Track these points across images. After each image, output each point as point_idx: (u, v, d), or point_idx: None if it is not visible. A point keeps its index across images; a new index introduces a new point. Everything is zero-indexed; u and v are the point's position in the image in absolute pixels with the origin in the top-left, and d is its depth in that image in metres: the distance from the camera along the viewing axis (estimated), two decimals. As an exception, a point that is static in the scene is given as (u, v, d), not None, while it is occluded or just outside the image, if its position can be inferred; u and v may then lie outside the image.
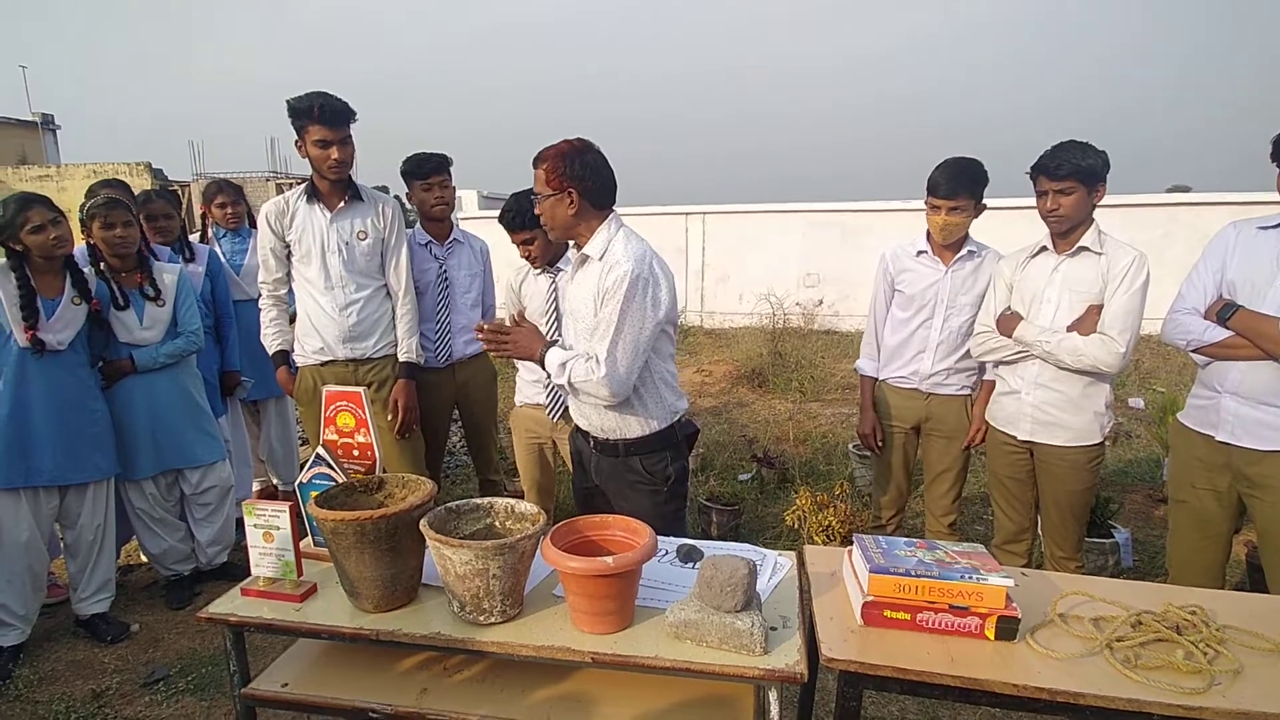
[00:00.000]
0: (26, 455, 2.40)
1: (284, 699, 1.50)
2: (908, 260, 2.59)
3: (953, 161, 2.42)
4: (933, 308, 2.53)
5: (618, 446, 1.93)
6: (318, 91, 2.38)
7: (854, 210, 9.91)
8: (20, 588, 2.46)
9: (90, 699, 2.32)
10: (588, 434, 2.00)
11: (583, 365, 1.79)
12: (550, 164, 1.79)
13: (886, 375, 2.66)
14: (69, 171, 13.94)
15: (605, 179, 1.82)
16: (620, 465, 1.95)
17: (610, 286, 1.74)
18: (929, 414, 2.60)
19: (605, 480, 2.00)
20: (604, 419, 1.91)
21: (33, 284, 2.39)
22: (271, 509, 1.52)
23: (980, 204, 2.43)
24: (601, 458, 1.98)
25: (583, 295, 1.85)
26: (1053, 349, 2.20)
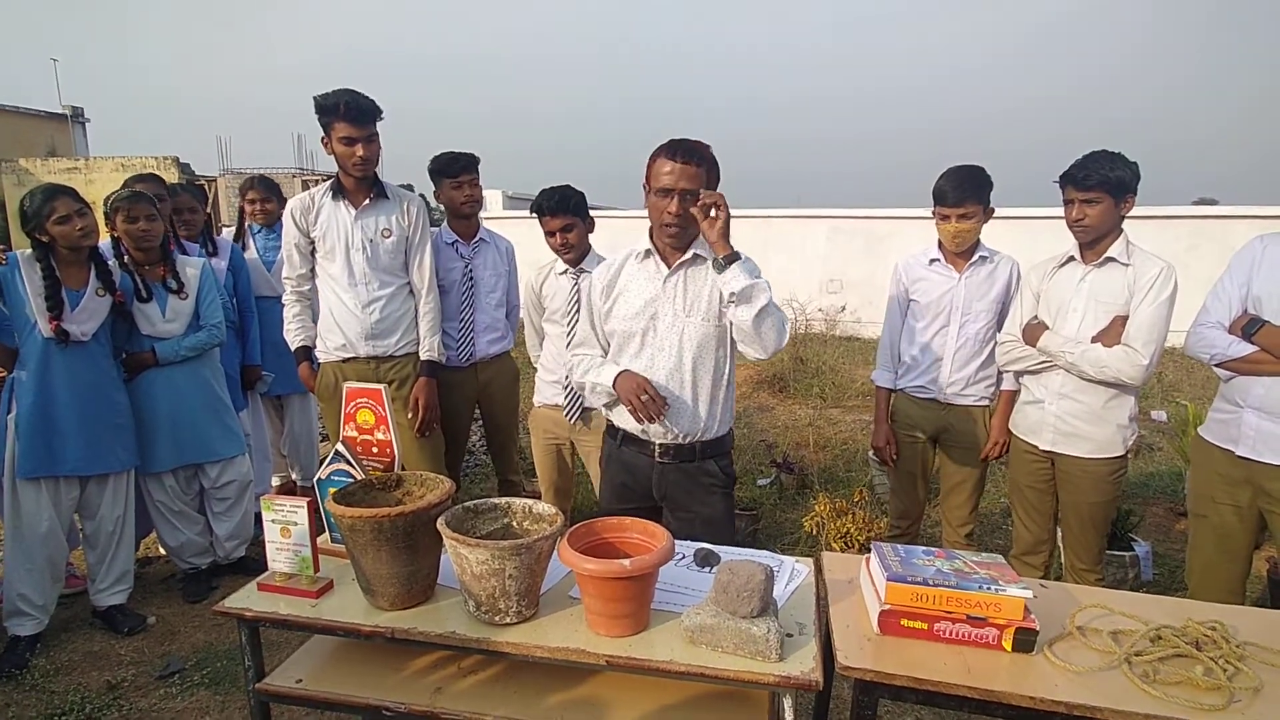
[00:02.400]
0: (49, 445, 2.43)
1: (298, 695, 1.50)
2: (920, 269, 2.58)
3: (956, 169, 2.42)
4: (948, 315, 2.51)
5: (694, 449, 1.91)
6: (345, 89, 2.40)
7: (878, 217, 9.89)
8: (39, 578, 2.49)
9: (105, 690, 2.34)
10: (646, 444, 1.94)
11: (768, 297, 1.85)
12: (712, 168, 1.77)
13: (904, 385, 2.64)
14: (97, 164, 14.16)
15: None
16: (695, 470, 1.93)
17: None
18: (947, 424, 2.57)
19: (673, 490, 1.95)
20: (691, 420, 1.88)
21: (58, 275, 2.42)
22: (289, 504, 1.53)
23: (989, 208, 2.43)
24: (671, 466, 1.93)
25: (700, 290, 1.86)
26: (1076, 360, 2.18)
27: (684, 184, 1.73)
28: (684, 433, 1.90)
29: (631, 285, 1.93)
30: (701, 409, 1.89)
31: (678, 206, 1.75)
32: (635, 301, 1.91)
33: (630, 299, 1.92)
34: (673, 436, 1.90)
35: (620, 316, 1.92)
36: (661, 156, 1.77)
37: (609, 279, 1.97)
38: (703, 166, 1.75)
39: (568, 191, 2.54)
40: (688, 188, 1.73)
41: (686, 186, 1.73)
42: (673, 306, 1.87)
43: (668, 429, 1.89)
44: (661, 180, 1.76)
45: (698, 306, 1.86)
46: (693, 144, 1.76)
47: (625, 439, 1.99)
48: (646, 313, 1.88)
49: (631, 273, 1.94)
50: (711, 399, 1.90)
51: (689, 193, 1.74)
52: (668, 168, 1.75)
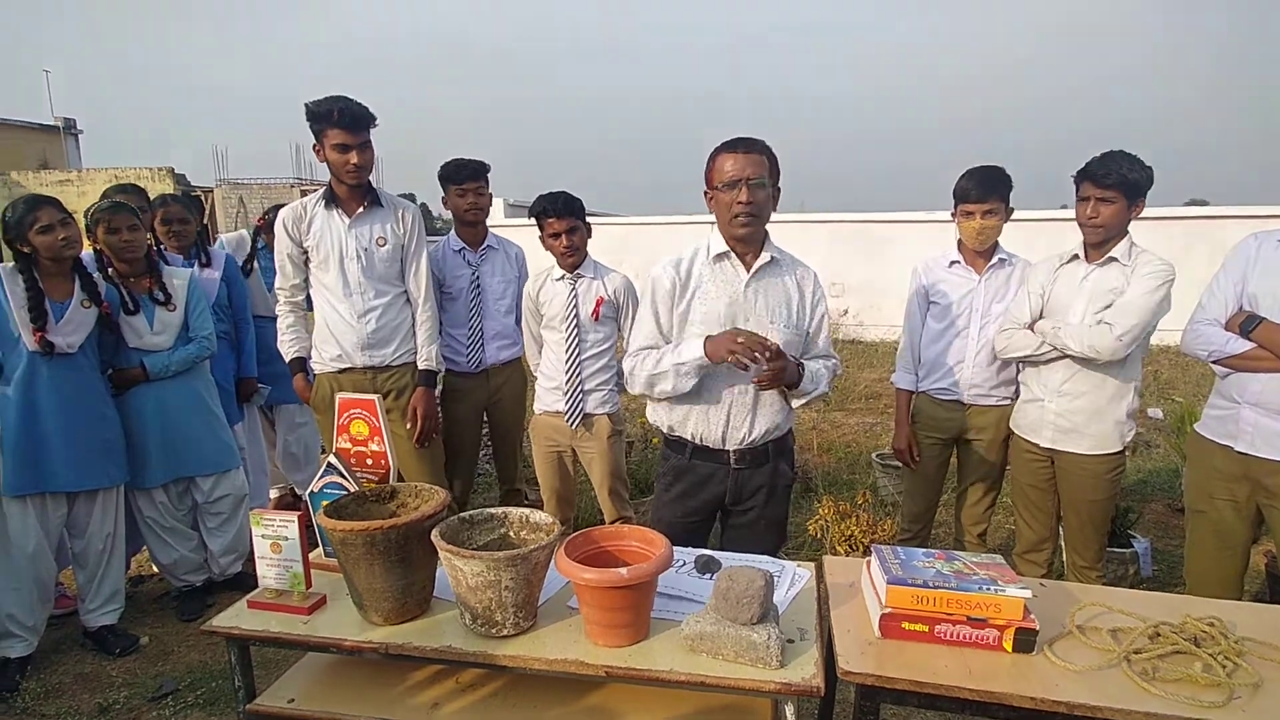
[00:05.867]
0: (36, 461, 2.39)
1: (290, 715, 1.47)
2: (940, 271, 2.58)
3: (979, 168, 2.44)
4: (968, 317, 2.51)
5: (766, 451, 1.94)
6: (337, 95, 2.38)
7: (879, 221, 9.94)
8: (27, 598, 2.44)
9: (97, 713, 2.30)
10: (720, 453, 1.92)
11: (828, 368, 1.96)
12: (771, 157, 1.80)
13: (926, 387, 2.63)
14: (90, 176, 14.07)
15: None
16: (768, 471, 1.96)
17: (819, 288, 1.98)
18: (970, 424, 2.56)
19: (747, 494, 1.97)
20: (770, 420, 1.91)
21: (41, 286, 2.39)
22: (280, 519, 1.50)
23: (1010, 207, 2.44)
24: (747, 470, 1.94)
25: (780, 298, 1.90)
26: (1061, 335, 2.20)
27: (750, 171, 1.76)
28: (756, 434, 1.92)
29: (708, 287, 1.90)
30: (778, 411, 1.93)
31: (747, 195, 1.76)
32: (716, 305, 1.88)
33: (710, 301, 1.88)
34: (750, 438, 1.91)
35: (698, 320, 1.89)
36: (722, 153, 1.81)
37: (680, 279, 1.91)
38: (765, 155, 1.79)
39: (569, 196, 2.57)
40: (753, 175, 1.76)
41: (753, 174, 1.76)
42: (755, 312, 1.89)
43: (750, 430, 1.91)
44: (726, 174, 1.79)
45: (780, 314, 1.90)
46: (748, 137, 1.82)
47: (695, 451, 1.96)
48: (728, 316, 1.87)
49: (704, 273, 1.91)
50: (786, 400, 1.95)
51: (755, 181, 1.76)
52: (730, 161, 1.78)
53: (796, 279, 1.94)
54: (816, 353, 1.99)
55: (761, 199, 1.78)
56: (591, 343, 2.63)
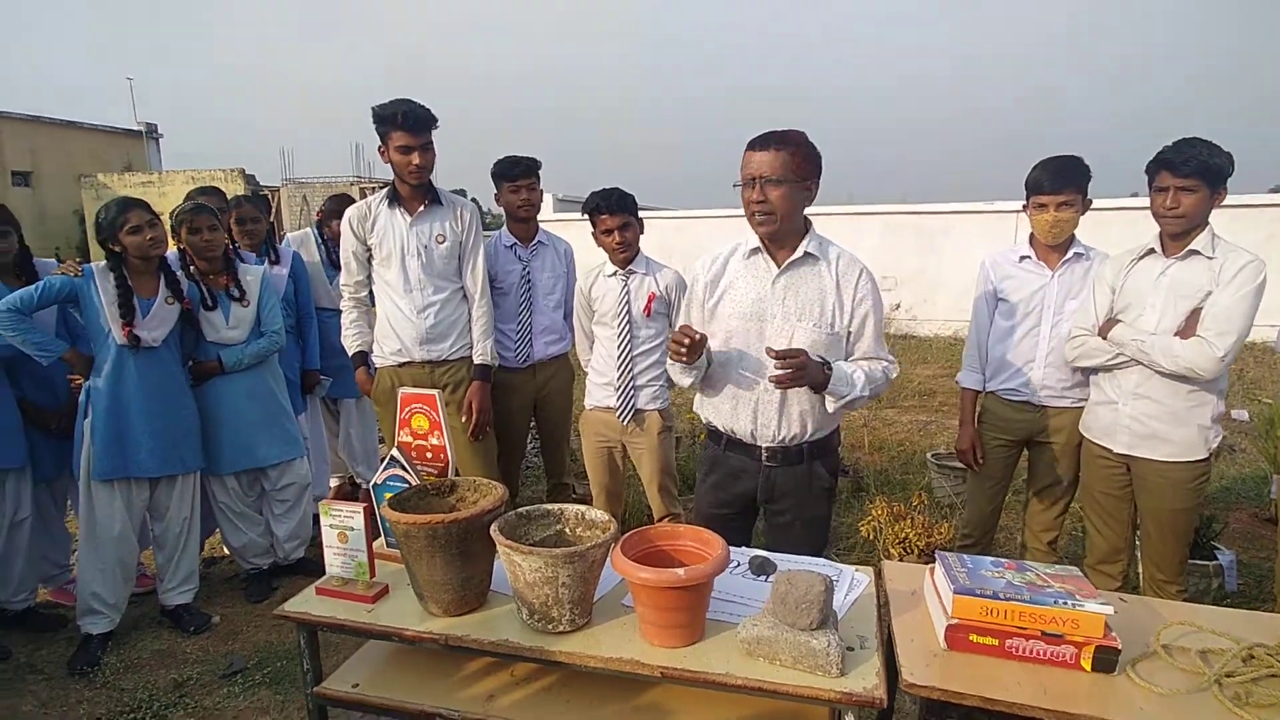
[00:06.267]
0: (123, 448, 2.52)
1: (354, 700, 1.51)
2: (1010, 267, 2.46)
3: (1054, 157, 2.30)
4: (1039, 314, 2.39)
5: (802, 452, 1.89)
6: (402, 99, 2.44)
7: (931, 212, 9.64)
8: (111, 577, 2.58)
9: (172, 688, 2.42)
10: (752, 448, 1.91)
11: (879, 370, 1.85)
12: (802, 150, 1.73)
13: (995, 387, 2.52)
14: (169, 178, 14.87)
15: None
16: (804, 473, 1.91)
17: (864, 286, 1.83)
18: (1042, 426, 2.44)
19: (781, 495, 1.94)
20: (796, 425, 1.86)
21: (130, 284, 2.52)
22: (346, 509, 1.54)
23: (1088, 199, 2.31)
24: (779, 469, 1.91)
25: (811, 295, 1.82)
26: (1147, 349, 2.05)
27: (764, 169, 1.73)
28: (788, 435, 1.88)
29: (738, 282, 1.90)
30: (809, 412, 1.87)
31: (759, 193, 1.74)
32: (743, 300, 1.87)
33: (737, 297, 1.89)
34: (785, 437, 1.88)
35: (726, 315, 1.90)
36: (746, 150, 1.79)
37: (713, 274, 1.94)
38: (783, 150, 1.73)
39: (622, 192, 2.57)
40: (768, 173, 1.73)
41: (768, 172, 1.73)
42: (782, 309, 1.84)
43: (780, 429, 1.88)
44: (744, 172, 1.78)
45: (809, 312, 1.83)
46: (773, 132, 1.77)
47: (730, 443, 1.96)
48: (754, 313, 1.86)
49: (737, 269, 1.91)
50: (821, 400, 1.86)
51: (770, 179, 1.73)
52: (748, 158, 1.76)
53: (836, 275, 1.84)
54: (861, 354, 1.88)
55: (777, 197, 1.74)
56: (643, 339, 2.62)
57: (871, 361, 1.87)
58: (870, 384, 1.83)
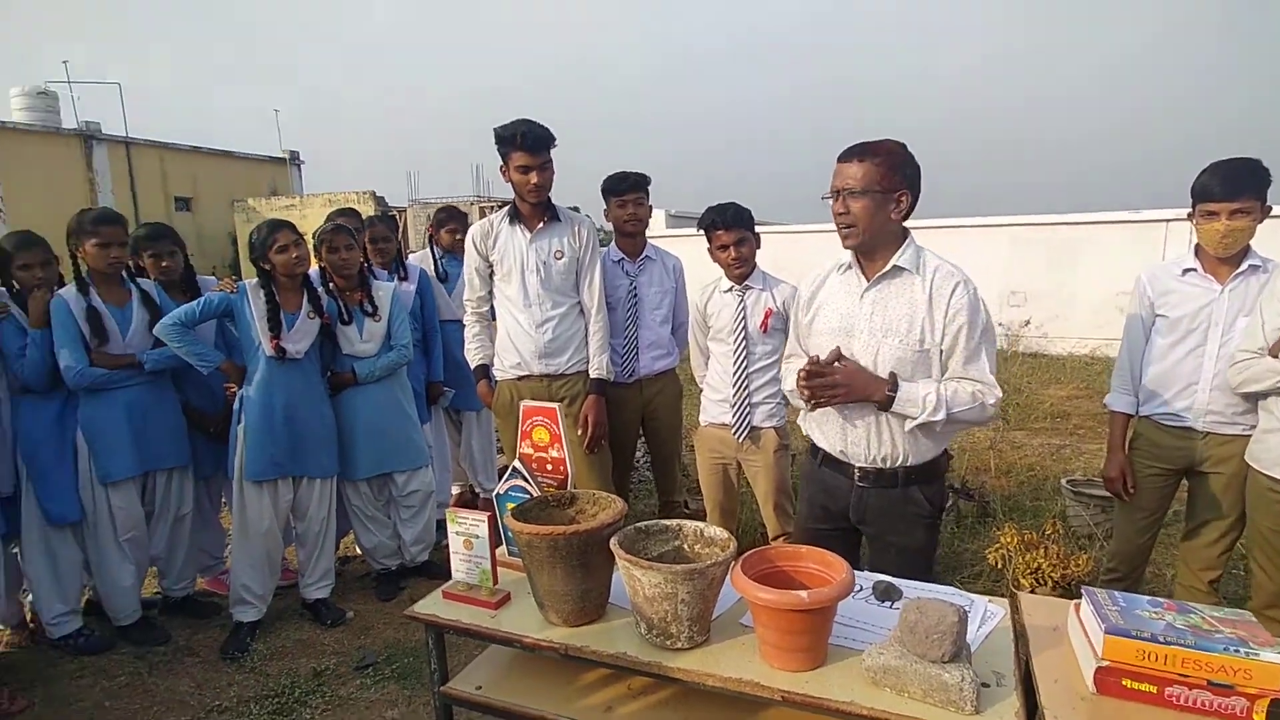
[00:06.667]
0: (270, 452, 2.75)
1: (478, 701, 1.57)
2: (1171, 281, 2.25)
3: (1226, 160, 2.08)
4: (1204, 333, 2.17)
5: (896, 476, 1.80)
6: (522, 119, 2.54)
7: (1065, 223, 9.04)
8: (259, 570, 2.83)
9: (311, 676, 2.61)
10: (846, 466, 1.86)
11: (966, 393, 1.69)
12: (887, 160, 1.68)
13: (1150, 411, 2.32)
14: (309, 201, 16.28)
15: (920, 192, 1.75)
16: (898, 497, 1.82)
17: (959, 300, 1.71)
18: (1205, 455, 2.22)
19: (872, 516, 1.86)
20: (888, 446, 1.77)
21: (277, 299, 2.76)
22: (472, 518, 1.62)
23: (1267, 206, 2.07)
24: (871, 491, 1.83)
25: (899, 310, 1.74)
26: None
27: (844, 181, 1.71)
28: (875, 457, 1.81)
29: (831, 299, 1.88)
30: (899, 436, 1.78)
31: (840, 205, 1.73)
32: (832, 317, 1.85)
33: (828, 314, 1.86)
34: (872, 459, 1.81)
35: (819, 331, 1.87)
36: (836, 162, 1.76)
37: (811, 291, 1.94)
38: (866, 161, 1.69)
39: (739, 207, 2.56)
40: (848, 185, 1.70)
41: (848, 184, 1.70)
42: (869, 324, 1.78)
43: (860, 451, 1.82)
44: (831, 183, 1.75)
45: (896, 328, 1.75)
46: (862, 143, 1.73)
47: (825, 459, 1.92)
48: (842, 328, 1.82)
49: (833, 286, 1.89)
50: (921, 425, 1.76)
51: (849, 190, 1.70)
52: (835, 170, 1.75)
53: (930, 289, 1.73)
54: (951, 373, 1.74)
55: (858, 209, 1.69)
56: (759, 355, 2.59)
57: (961, 382, 1.73)
58: (950, 407, 1.68)
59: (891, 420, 1.76)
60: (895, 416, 1.75)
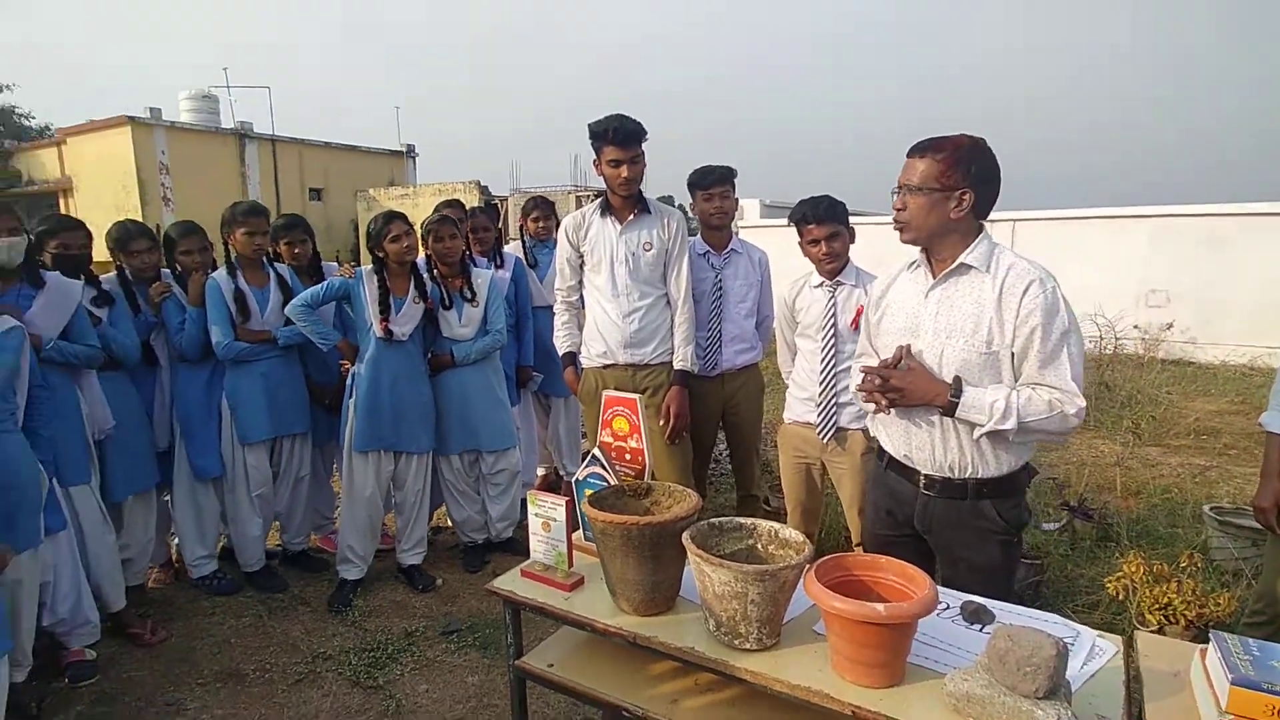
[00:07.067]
0: (375, 426, 2.93)
1: (549, 678, 1.61)
2: None
3: None
4: None
5: (965, 487, 1.69)
6: (614, 114, 2.56)
7: (1217, 215, 8.08)
8: (362, 533, 3.03)
9: (403, 636, 2.77)
10: (911, 472, 1.78)
11: (1042, 401, 1.56)
12: (949, 156, 1.60)
13: None
14: (421, 190, 17.21)
15: (997, 188, 1.65)
16: (966, 510, 1.71)
17: (1032, 300, 1.57)
18: None
19: (939, 528, 1.76)
20: (954, 454, 1.67)
21: (388, 285, 2.93)
22: (550, 501, 1.64)
23: None
24: (936, 501, 1.74)
25: (965, 310, 1.64)
26: None
27: (908, 178, 1.65)
28: (941, 466, 1.70)
29: (899, 298, 1.81)
30: (966, 444, 1.66)
31: (899, 200, 1.68)
32: (899, 316, 1.78)
33: (894, 313, 1.80)
34: (937, 468, 1.71)
35: (886, 331, 1.81)
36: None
37: (881, 291, 1.88)
38: (928, 157, 1.62)
39: (833, 200, 2.47)
40: (909, 182, 1.65)
41: (908, 181, 1.65)
42: (933, 324, 1.69)
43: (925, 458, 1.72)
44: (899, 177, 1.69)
45: (961, 329, 1.64)
46: (931, 138, 1.65)
47: (891, 463, 1.84)
48: (908, 328, 1.74)
49: (902, 284, 1.82)
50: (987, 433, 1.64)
51: (907, 187, 1.65)
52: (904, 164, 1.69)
53: (1000, 288, 1.61)
54: (1026, 379, 1.61)
55: (914, 206, 1.64)
56: (849, 354, 2.48)
57: (1037, 389, 1.59)
58: (1023, 416, 1.55)
59: (958, 427, 1.65)
60: (962, 423, 1.64)
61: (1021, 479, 1.72)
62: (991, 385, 1.61)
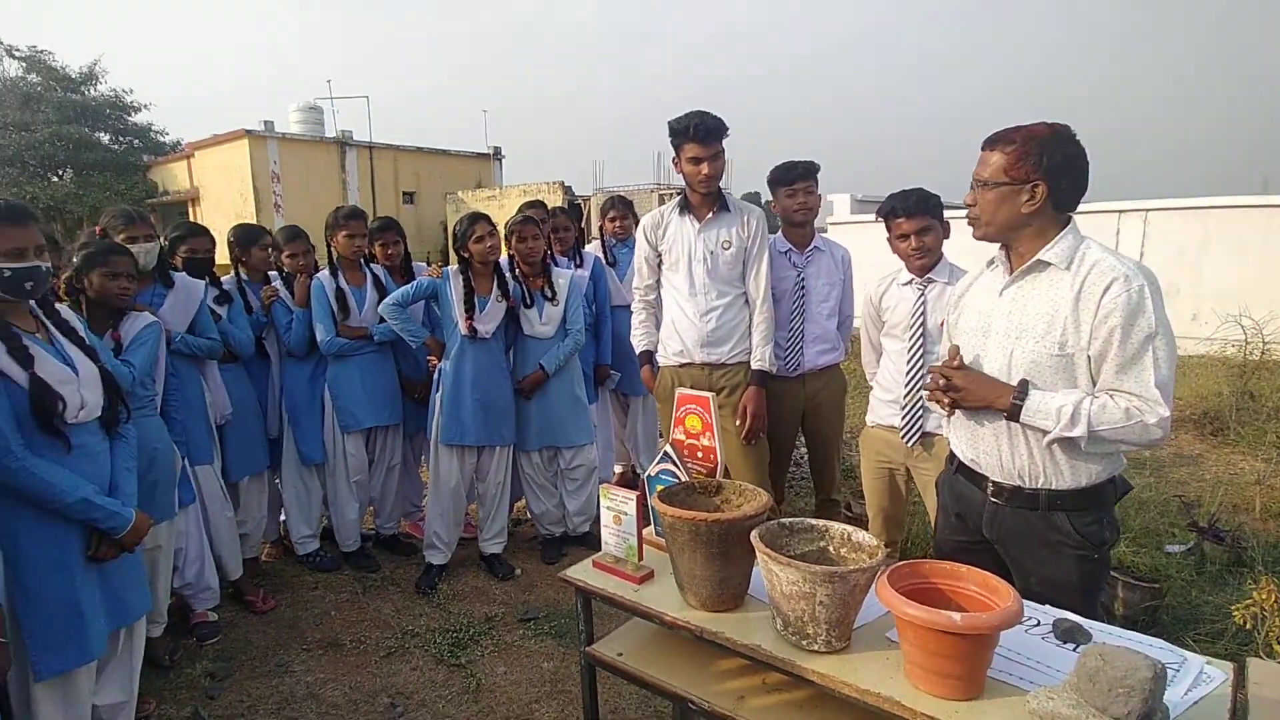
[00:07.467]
0: (460, 420, 3.06)
1: (618, 666, 1.64)
2: None
3: None
4: None
5: (1037, 497, 1.60)
6: (695, 111, 2.55)
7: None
8: (447, 521, 3.16)
9: (483, 620, 2.88)
10: (980, 477, 1.70)
11: (1118, 409, 1.46)
12: (1020, 148, 1.52)
13: None
14: (507, 192, 17.77)
15: (1080, 179, 1.55)
16: (1038, 521, 1.62)
17: (1113, 300, 1.45)
18: None
19: (1006, 536, 1.67)
20: (1023, 461, 1.59)
21: (473, 284, 3.04)
22: (622, 495, 1.67)
23: None
24: (1005, 509, 1.65)
25: (1039, 309, 1.56)
26: None
27: (981, 173, 1.60)
28: (1009, 473, 1.62)
29: (974, 296, 1.74)
30: (1037, 451, 1.57)
31: (970, 196, 1.62)
32: (972, 316, 1.71)
33: (969, 313, 1.73)
34: (1005, 474, 1.63)
35: (963, 331, 1.73)
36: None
37: (962, 289, 1.82)
38: (997, 150, 1.56)
39: (924, 193, 2.37)
40: (980, 176, 1.60)
41: (980, 175, 1.60)
42: (1005, 323, 1.60)
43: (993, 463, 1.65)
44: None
45: (1032, 329, 1.55)
46: (1003, 129, 1.58)
47: (960, 467, 1.77)
48: (980, 327, 1.67)
49: (982, 282, 1.75)
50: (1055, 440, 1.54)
51: (980, 182, 1.60)
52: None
53: (1080, 286, 1.50)
54: (1104, 385, 1.50)
55: (984, 201, 1.58)
56: (938, 355, 2.38)
57: (1115, 396, 1.48)
58: (1095, 423, 1.45)
59: (1027, 433, 1.56)
60: (1030, 429, 1.54)
61: (1105, 493, 1.60)
62: (1063, 390, 1.52)
